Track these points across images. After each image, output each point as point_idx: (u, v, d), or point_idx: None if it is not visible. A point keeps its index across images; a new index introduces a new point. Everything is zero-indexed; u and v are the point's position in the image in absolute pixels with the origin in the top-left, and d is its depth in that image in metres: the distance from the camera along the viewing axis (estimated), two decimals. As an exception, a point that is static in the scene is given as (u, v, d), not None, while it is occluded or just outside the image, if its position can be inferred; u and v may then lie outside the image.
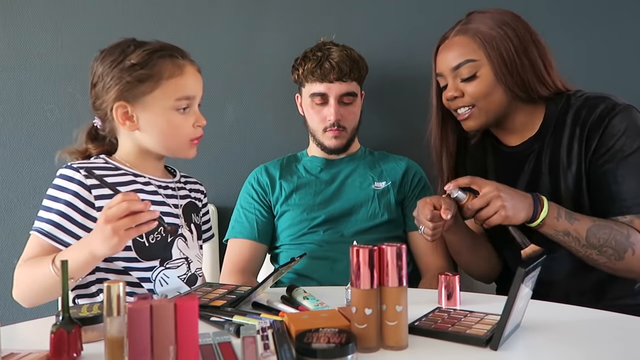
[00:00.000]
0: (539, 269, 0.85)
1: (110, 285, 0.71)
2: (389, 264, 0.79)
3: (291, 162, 1.68)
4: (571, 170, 1.20)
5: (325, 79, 1.54)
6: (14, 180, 1.78)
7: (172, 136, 1.17)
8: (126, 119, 1.15)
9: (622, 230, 1.12)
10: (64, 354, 0.76)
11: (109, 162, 1.19)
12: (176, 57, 1.15)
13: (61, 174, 1.13)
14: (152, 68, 1.12)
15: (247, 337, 0.78)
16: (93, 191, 1.11)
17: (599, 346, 0.82)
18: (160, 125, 1.15)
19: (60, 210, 1.09)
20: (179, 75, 1.14)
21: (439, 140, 1.35)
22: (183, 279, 1.20)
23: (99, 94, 1.16)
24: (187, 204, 1.27)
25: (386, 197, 1.58)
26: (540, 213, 1.12)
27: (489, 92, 1.21)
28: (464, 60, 1.21)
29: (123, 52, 1.14)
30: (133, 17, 1.80)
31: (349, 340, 0.73)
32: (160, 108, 1.14)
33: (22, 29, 1.78)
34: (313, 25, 1.79)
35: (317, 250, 1.51)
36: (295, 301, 1.04)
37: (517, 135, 1.29)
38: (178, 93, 1.14)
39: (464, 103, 1.24)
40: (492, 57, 1.20)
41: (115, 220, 0.94)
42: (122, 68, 1.12)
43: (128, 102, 1.13)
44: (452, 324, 0.87)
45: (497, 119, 1.26)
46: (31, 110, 1.79)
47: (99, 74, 1.16)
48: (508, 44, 1.19)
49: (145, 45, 1.15)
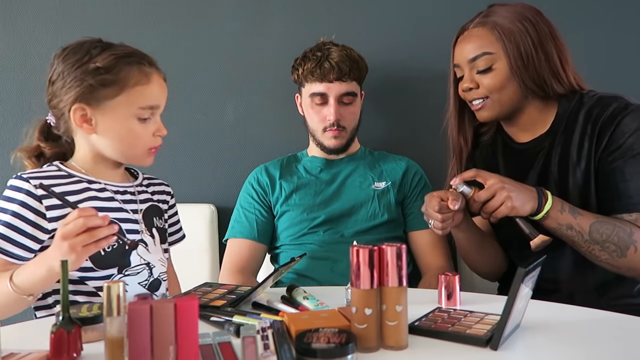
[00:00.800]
0: (539, 269, 0.85)
1: (110, 286, 0.71)
2: (389, 264, 0.79)
3: (291, 162, 1.68)
4: (580, 167, 1.20)
5: (325, 78, 1.54)
6: (14, 180, 1.78)
7: (130, 144, 1.13)
8: (84, 122, 1.11)
9: (625, 227, 1.13)
10: (64, 354, 0.76)
11: (62, 169, 1.15)
12: (143, 65, 1.12)
13: (10, 185, 1.09)
14: (117, 73, 1.09)
15: (247, 337, 0.78)
16: (44, 201, 1.07)
17: (599, 346, 0.82)
18: (120, 132, 1.11)
19: (7, 221, 1.05)
20: (145, 84, 1.11)
21: (456, 131, 1.36)
22: (144, 285, 1.17)
23: (57, 92, 1.12)
24: (148, 208, 1.23)
25: (386, 197, 1.58)
26: (544, 205, 1.12)
27: (504, 85, 1.22)
28: (480, 52, 1.22)
29: (88, 53, 1.10)
30: (133, 17, 1.80)
31: (349, 340, 0.73)
32: (122, 115, 1.10)
33: (22, 29, 1.78)
34: (313, 25, 1.79)
35: (317, 251, 1.51)
36: (295, 301, 1.04)
37: (528, 131, 1.29)
38: (142, 102, 1.10)
39: (478, 95, 1.25)
40: (508, 51, 1.20)
41: (72, 236, 0.92)
42: (85, 70, 1.08)
43: (88, 104, 1.09)
44: (452, 324, 0.87)
45: (511, 112, 1.26)
46: (31, 110, 1.79)
47: (59, 72, 1.12)
48: (526, 38, 1.20)
49: (112, 48, 1.11)
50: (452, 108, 1.36)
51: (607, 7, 1.77)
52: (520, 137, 1.32)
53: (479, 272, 1.41)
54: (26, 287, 0.98)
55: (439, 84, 1.81)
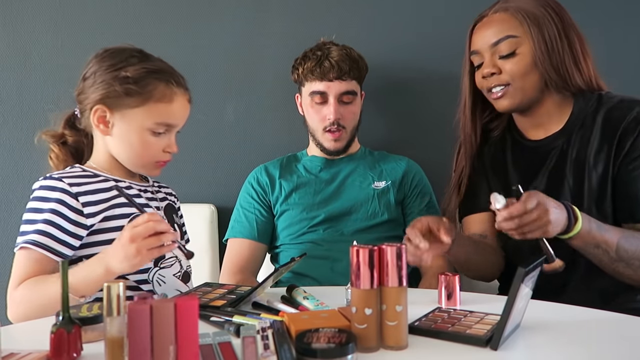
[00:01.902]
0: (539, 269, 0.85)
1: (110, 285, 0.71)
2: (389, 264, 0.79)
3: (291, 161, 1.68)
4: (597, 171, 1.17)
5: (324, 77, 1.54)
6: (14, 180, 1.78)
7: (139, 154, 1.16)
8: (101, 122, 1.14)
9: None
10: (64, 354, 0.76)
11: (86, 170, 1.17)
12: (170, 83, 1.14)
13: (42, 186, 1.10)
14: (143, 87, 1.12)
15: (247, 337, 0.78)
16: (80, 198, 1.09)
17: (599, 346, 0.82)
18: (132, 140, 1.14)
19: (46, 218, 1.06)
20: (167, 102, 1.13)
21: (470, 125, 1.32)
22: (178, 276, 1.20)
23: (86, 89, 1.16)
24: (166, 206, 1.27)
25: (386, 197, 1.58)
26: (574, 226, 1.05)
27: (527, 71, 1.19)
28: (504, 35, 1.19)
29: (124, 60, 1.14)
30: (133, 17, 1.80)
31: (349, 340, 0.73)
32: (137, 125, 1.13)
33: (22, 29, 1.78)
34: (313, 25, 1.79)
35: (317, 250, 1.51)
36: (295, 301, 1.04)
37: (541, 128, 1.26)
38: (159, 118, 1.13)
39: (500, 81, 1.21)
40: (533, 35, 1.17)
41: (141, 239, 0.94)
42: (115, 76, 1.12)
43: (109, 108, 1.13)
44: (452, 324, 0.87)
45: (531, 102, 1.22)
46: (31, 110, 1.79)
47: (93, 71, 1.15)
48: (550, 24, 1.17)
49: (146, 61, 1.15)
50: (467, 100, 1.31)
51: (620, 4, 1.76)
52: (532, 133, 1.28)
53: (476, 278, 1.39)
54: (80, 287, 0.98)
55: (439, 84, 1.82)
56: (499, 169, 1.31)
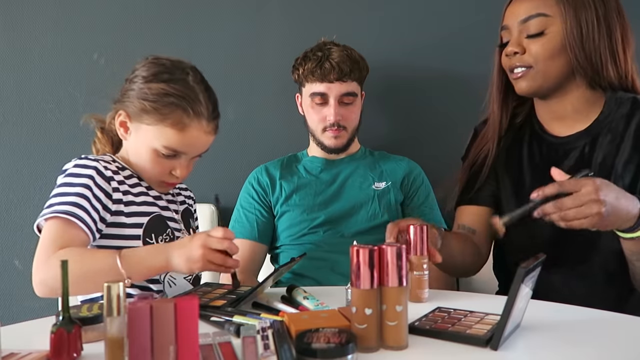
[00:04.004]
0: (539, 269, 0.85)
1: (110, 285, 0.71)
2: (389, 264, 0.79)
3: (291, 162, 1.68)
4: (624, 182, 1.10)
5: (325, 78, 1.54)
6: (14, 180, 1.79)
7: (146, 168, 1.16)
8: (122, 127, 1.16)
9: None
10: (64, 354, 0.76)
11: (117, 160, 1.18)
12: (188, 112, 1.09)
13: (76, 164, 1.10)
14: (160, 108, 1.09)
15: (247, 337, 0.78)
16: (112, 183, 1.10)
17: (599, 346, 0.82)
18: (141, 153, 1.14)
19: (80, 192, 1.05)
20: (179, 130, 1.10)
21: (497, 104, 1.25)
22: (189, 280, 1.20)
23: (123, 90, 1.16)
24: (184, 211, 1.27)
25: (386, 198, 1.58)
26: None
27: (553, 55, 1.11)
28: (535, 13, 1.11)
29: (156, 76, 1.11)
30: (133, 17, 1.80)
31: (349, 340, 0.73)
32: (147, 142, 1.12)
33: (22, 29, 1.78)
34: (313, 25, 1.79)
35: (317, 251, 1.51)
36: (295, 301, 1.04)
37: (565, 123, 1.19)
38: (167, 142, 1.11)
39: (522, 62, 1.14)
40: (567, 15, 1.09)
41: (209, 250, 0.96)
42: (141, 89, 1.11)
43: (130, 117, 1.14)
44: (452, 324, 0.87)
45: (553, 89, 1.16)
46: (31, 110, 1.79)
47: (132, 76, 1.15)
48: (590, 6, 1.09)
49: (177, 82, 1.11)
50: (495, 79, 1.24)
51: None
52: (554, 128, 1.21)
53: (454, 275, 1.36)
54: (132, 270, 0.97)
55: (439, 84, 1.82)
56: (512, 163, 1.25)
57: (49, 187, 1.71)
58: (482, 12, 1.78)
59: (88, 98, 1.79)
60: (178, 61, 1.15)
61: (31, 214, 1.77)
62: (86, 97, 1.79)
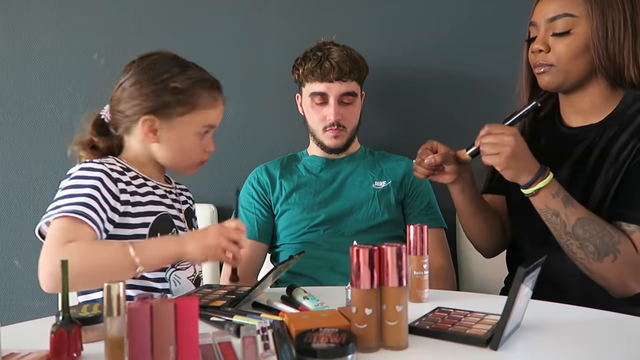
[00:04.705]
0: (539, 269, 0.85)
1: (110, 285, 0.71)
2: (389, 264, 0.79)
3: (291, 161, 1.68)
4: (615, 166, 1.14)
5: (325, 78, 1.54)
6: (14, 180, 1.79)
7: (186, 156, 1.20)
8: (149, 132, 1.16)
9: (614, 234, 1.08)
10: (64, 354, 0.76)
11: (120, 162, 1.18)
12: (214, 90, 1.20)
13: (81, 168, 1.11)
14: (191, 96, 1.15)
15: (247, 337, 0.78)
16: (119, 184, 1.11)
17: (599, 346, 0.82)
18: (180, 145, 1.18)
19: (89, 193, 1.05)
20: (212, 107, 1.19)
21: (527, 96, 1.28)
22: (192, 279, 1.21)
23: (128, 99, 1.15)
24: (186, 210, 1.28)
25: (386, 197, 1.58)
26: (537, 182, 1.09)
27: (576, 54, 1.14)
28: (562, 12, 1.13)
29: (168, 71, 1.15)
30: (133, 17, 1.80)
31: (349, 340, 0.73)
32: (186, 131, 1.17)
33: (22, 29, 1.78)
34: (313, 25, 1.79)
35: (317, 250, 1.51)
36: (295, 301, 1.04)
37: (581, 116, 1.22)
38: (206, 122, 1.18)
39: (545, 60, 1.17)
40: (594, 16, 1.11)
41: (225, 238, 1.01)
42: (164, 87, 1.14)
43: (158, 117, 1.15)
44: (452, 324, 0.87)
45: (575, 86, 1.19)
46: (31, 110, 1.79)
47: (134, 80, 1.15)
48: (618, 7, 1.11)
49: (189, 70, 1.18)
50: (524, 71, 1.27)
51: None
52: (572, 120, 1.24)
53: (475, 242, 1.38)
54: (145, 258, 0.98)
55: (439, 84, 1.82)
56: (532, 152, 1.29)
57: (49, 187, 1.71)
58: (482, 12, 1.78)
59: (88, 98, 1.78)
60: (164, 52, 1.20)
61: (31, 214, 1.79)
62: (86, 97, 1.78)
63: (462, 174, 1.25)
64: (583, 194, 1.16)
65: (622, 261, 1.07)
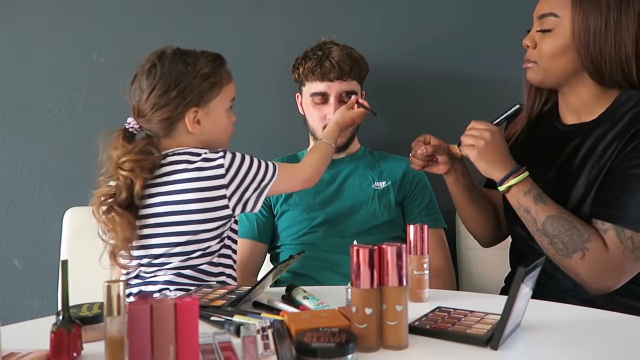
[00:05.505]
0: (539, 269, 0.85)
1: (110, 285, 0.71)
2: (389, 264, 0.79)
3: (291, 161, 1.68)
4: (599, 165, 1.15)
5: (325, 77, 1.54)
6: (14, 180, 1.78)
7: (223, 134, 1.26)
8: (194, 123, 1.19)
9: (584, 231, 1.10)
10: (64, 353, 0.76)
11: None
12: (224, 63, 1.25)
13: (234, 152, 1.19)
14: (217, 75, 1.21)
15: (247, 337, 0.78)
16: None
17: (599, 346, 0.82)
18: (220, 125, 1.24)
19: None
20: (231, 80, 1.25)
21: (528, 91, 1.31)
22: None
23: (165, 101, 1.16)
24: None
25: (386, 197, 1.58)
26: (509, 180, 1.15)
27: (557, 54, 1.16)
28: (549, 12, 1.16)
29: (189, 62, 1.20)
30: (133, 17, 1.80)
31: (349, 340, 0.73)
32: (220, 110, 1.23)
33: (22, 28, 1.78)
34: (313, 25, 1.79)
35: (317, 250, 1.51)
36: (295, 301, 1.04)
37: (574, 114, 1.23)
38: (231, 95, 1.25)
39: (530, 56, 1.20)
40: (575, 19, 1.12)
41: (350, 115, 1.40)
42: (195, 76, 1.18)
43: (199, 107, 1.19)
44: (452, 324, 0.87)
45: (558, 84, 1.21)
46: (31, 110, 1.79)
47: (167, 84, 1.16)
48: (600, 12, 1.11)
49: (199, 54, 1.23)
50: None
51: None
52: (567, 117, 1.25)
53: (470, 229, 1.43)
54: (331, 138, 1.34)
55: (439, 84, 1.82)
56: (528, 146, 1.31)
57: (49, 187, 1.72)
58: (482, 12, 1.78)
59: (88, 98, 1.79)
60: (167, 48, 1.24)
61: (31, 214, 1.79)
62: (86, 97, 1.79)
63: (454, 165, 1.32)
64: (568, 190, 1.18)
65: (591, 259, 1.09)
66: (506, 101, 1.40)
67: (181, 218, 1.15)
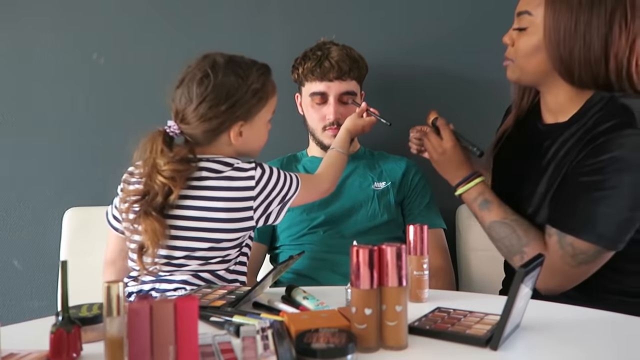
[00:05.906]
0: (539, 269, 0.85)
1: (109, 285, 0.71)
2: (389, 264, 0.79)
3: (291, 162, 1.68)
4: (559, 167, 1.15)
5: (324, 77, 1.54)
6: (14, 180, 1.78)
7: (261, 143, 1.27)
8: (237, 136, 1.19)
9: (523, 236, 1.15)
10: (63, 354, 0.76)
11: None
12: (270, 74, 1.24)
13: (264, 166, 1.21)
14: (265, 89, 1.21)
15: (247, 337, 0.78)
16: None
17: (599, 346, 0.82)
18: (258, 137, 1.24)
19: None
20: (275, 93, 1.25)
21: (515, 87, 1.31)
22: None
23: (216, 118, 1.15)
24: None
25: (386, 198, 1.58)
26: (458, 188, 1.25)
27: (530, 52, 1.15)
28: (524, 9, 1.16)
29: (242, 76, 1.17)
30: (133, 17, 1.80)
31: (349, 340, 0.73)
32: (263, 122, 1.23)
33: (22, 28, 1.78)
34: (313, 25, 1.79)
35: (317, 251, 1.51)
36: (295, 301, 1.04)
37: (552, 114, 1.23)
38: (273, 107, 1.25)
39: (508, 53, 1.21)
40: (546, 18, 1.12)
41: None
42: (246, 91, 1.17)
43: (245, 121, 1.19)
44: (452, 324, 0.87)
45: (533, 83, 1.22)
46: (31, 110, 1.79)
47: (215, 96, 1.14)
48: (569, 15, 1.10)
49: (251, 66, 1.20)
50: None
51: None
52: (546, 117, 1.25)
53: None
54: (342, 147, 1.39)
55: (439, 84, 1.82)
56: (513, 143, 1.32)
57: (49, 187, 1.72)
58: (481, 11, 1.78)
59: (88, 98, 1.79)
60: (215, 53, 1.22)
61: (31, 214, 1.79)
62: (86, 97, 1.79)
63: None
64: (533, 189, 1.19)
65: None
66: (506, 101, 1.40)
67: (207, 225, 1.15)
